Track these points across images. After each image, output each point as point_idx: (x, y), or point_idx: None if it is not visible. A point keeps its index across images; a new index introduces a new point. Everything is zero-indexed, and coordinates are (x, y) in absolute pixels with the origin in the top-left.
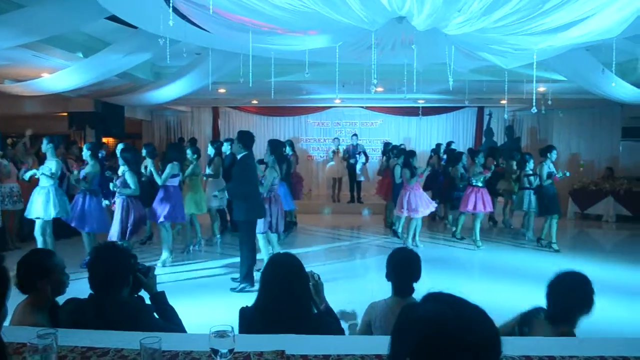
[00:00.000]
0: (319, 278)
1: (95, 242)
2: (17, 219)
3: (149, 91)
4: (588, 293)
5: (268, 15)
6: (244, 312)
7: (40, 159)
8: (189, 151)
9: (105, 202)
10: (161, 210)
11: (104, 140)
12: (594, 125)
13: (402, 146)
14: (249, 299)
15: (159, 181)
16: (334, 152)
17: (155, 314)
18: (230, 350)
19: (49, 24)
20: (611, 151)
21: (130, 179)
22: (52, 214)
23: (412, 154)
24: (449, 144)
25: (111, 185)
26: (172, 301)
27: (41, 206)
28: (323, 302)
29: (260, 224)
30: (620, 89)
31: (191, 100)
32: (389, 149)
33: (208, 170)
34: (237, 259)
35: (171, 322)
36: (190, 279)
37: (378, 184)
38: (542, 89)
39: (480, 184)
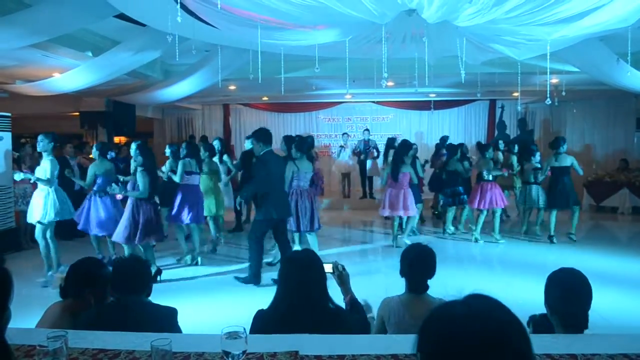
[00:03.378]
0: (344, 269)
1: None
2: None
3: (159, 89)
4: (590, 290)
5: (276, 10)
6: (259, 316)
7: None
8: (201, 149)
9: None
10: (185, 212)
11: (116, 139)
12: (607, 116)
13: (415, 146)
14: (260, 298)
15: (177, 179)
16: (342, 147)
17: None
18: (243, 352)
19: (58, 23)
20: (625, 142)
21: (141, 179)
22: (50, 217)
23: (404, 148)
24: (443, 139)
25: (108, 188)
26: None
27: (40, 209)
28: (349, 294)
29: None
30: (636, 79)
31: (202, 98)
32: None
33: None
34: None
35: None
36: (205, 277)
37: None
38: (555, 80)
39: (491, 179)
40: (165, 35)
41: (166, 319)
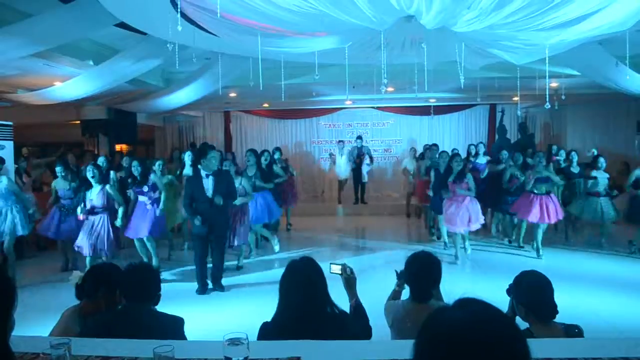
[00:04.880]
0: (352, 272)
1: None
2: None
3: (160, 97)
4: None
5: (276, 17)
6: (265, 328)
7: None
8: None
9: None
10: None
11: (117, 147)
12: (608, 119)
13: (455, 151)
14: (262, 306)
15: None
16: (331, 154)
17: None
18: (245, 358)
19: (59, 33)
20: (626, 146)
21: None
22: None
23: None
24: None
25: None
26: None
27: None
28: (354, 297)
29: None
30: (635, 82)
31: (202, 105)
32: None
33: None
34: None
35: None
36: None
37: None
38: (554, 84)
39: (544, 191)
40: (165, 43)
41: (172, 328)
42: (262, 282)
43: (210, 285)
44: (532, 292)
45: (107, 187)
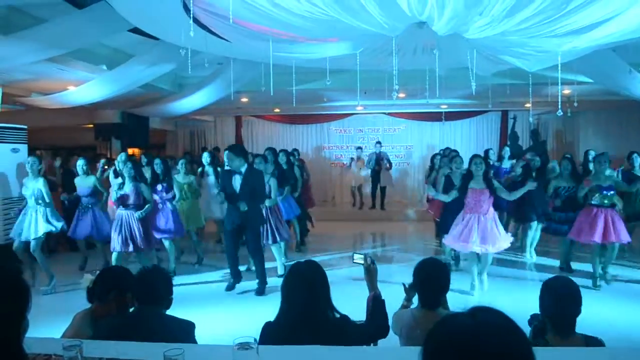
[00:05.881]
0: (373, 262)
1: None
2: None
3: (173, 102)
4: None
5: (288, 23)
6: (267, 328)
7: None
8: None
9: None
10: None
11: (130, 151)
12: (621, 126)
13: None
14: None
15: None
16: (351, 159)
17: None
18: None
19: (73, 38)
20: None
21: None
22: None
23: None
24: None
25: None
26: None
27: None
28: (373, 290)
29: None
30: None
31: (214, 110)
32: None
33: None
34: None
35: None
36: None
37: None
38: (567, 91)
39: (606, 203)
40: (178, 48)
41: (183, 333)
42: (276, 286)
43: (243, 287)
44: (556, 303)
45: (142, 185)
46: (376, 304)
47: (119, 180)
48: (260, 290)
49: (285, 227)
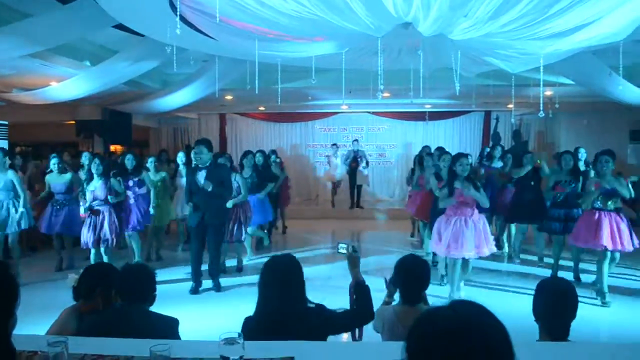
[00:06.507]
0: (355, 250)
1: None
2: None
3: (157, 99)
4: (576, 303)
5: (274, 22)
6: (247, 322)
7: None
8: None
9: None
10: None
11: (112, 148)
12: (601, 128)
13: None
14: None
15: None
16: (327, 156)
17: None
18: (240, 357)
19: (56, 33)
20: (619, 154)
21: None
22: None
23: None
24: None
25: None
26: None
27: None
28: (355, 278)
29: None
30: (628, 92)
31: (198, 107)
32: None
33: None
34: None
35: None
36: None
37: (410, 198)
38: (549, 92)
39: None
40: (163, 45)
41: (167, 329)
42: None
43: (204, 285)
44: (550, 307)
45: (112, 180)
46: (360, 289)
47: (92, 187)
48: (217, 286)
49: (241, 229)
